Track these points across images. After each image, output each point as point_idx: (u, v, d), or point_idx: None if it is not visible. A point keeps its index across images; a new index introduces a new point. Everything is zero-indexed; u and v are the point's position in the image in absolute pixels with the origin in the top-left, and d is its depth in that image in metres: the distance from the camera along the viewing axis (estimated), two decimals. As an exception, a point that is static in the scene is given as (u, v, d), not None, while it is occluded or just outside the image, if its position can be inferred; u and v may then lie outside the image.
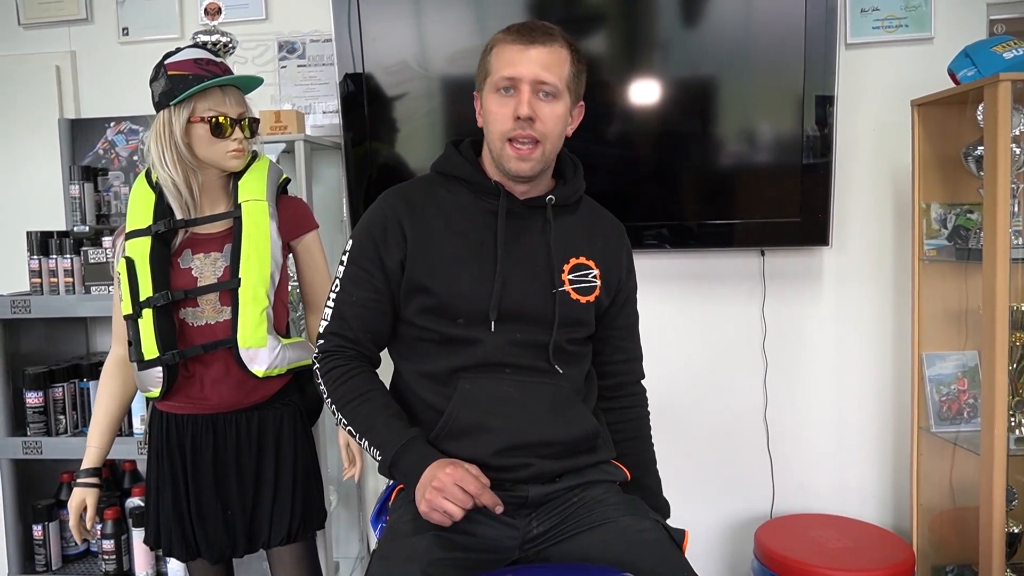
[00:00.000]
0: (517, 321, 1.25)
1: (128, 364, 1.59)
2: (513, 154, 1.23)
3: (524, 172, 1.24)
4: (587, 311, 1.31)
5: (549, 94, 1.22)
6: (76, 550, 2.27)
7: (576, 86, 1.27)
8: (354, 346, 1.29)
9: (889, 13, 2.17)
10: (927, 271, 2.06)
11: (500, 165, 1.26)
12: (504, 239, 1.26)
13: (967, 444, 1.95)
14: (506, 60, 1.22)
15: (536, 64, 1.21)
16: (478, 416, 1.23)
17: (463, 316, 1.25)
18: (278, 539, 1.57)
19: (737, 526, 2.33)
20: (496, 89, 1.23)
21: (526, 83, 1.21)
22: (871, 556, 1.92)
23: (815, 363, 2.29)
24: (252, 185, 1.56)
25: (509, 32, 1.25)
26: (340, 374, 1.27)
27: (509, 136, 1.22)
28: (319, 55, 2.35)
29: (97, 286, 2.10)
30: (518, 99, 1.21)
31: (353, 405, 1.24)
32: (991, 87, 1.72)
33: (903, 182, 2.18)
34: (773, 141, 2.09)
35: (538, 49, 1.21)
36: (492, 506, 1.13)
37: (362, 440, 1.22)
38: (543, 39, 1.22)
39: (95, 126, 2.43)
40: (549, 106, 1.22)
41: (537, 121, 1.21)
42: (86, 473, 1.59)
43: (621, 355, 1.42)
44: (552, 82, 1.21)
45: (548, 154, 1.25)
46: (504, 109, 1.22)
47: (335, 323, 1.30)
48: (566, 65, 1.24)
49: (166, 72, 1.48)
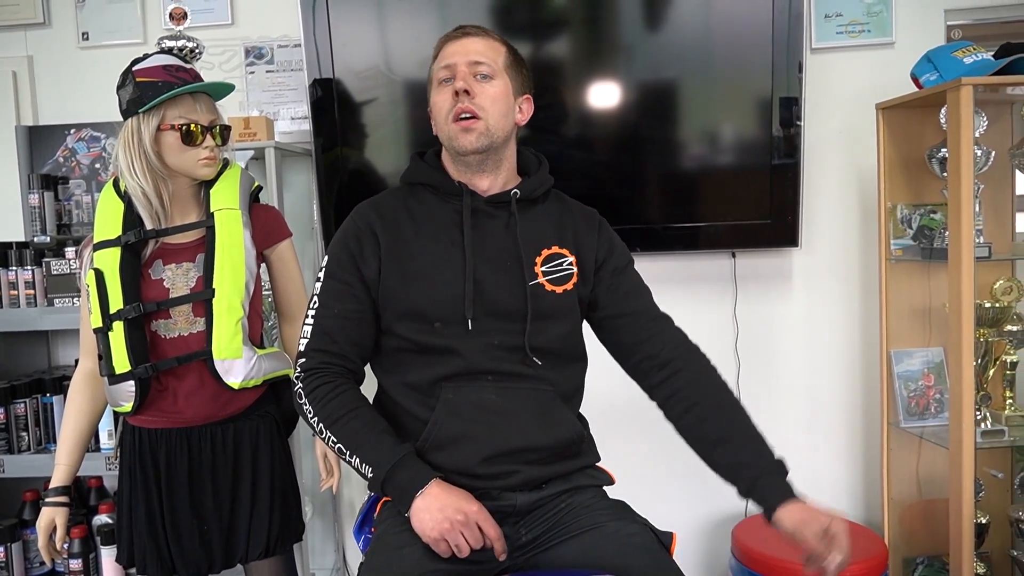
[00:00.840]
0: (493, 319, 1.25)
1: (97, 378, 1.55)
2: (457, 128, 1.25)
3: (471, 144, 1.25)
4: (565, 300, 1.30)
5: (485, 76, 1.26)
6: (41, 571, 2.20)
7: (516, 75, 1.32)
8: (339, 361, 1.27)
9: (852, 18, 2.22)
10: (893, 270, 2.11)
11: (451, 146, 1.28)
12: (471, 238, 1.27)
13: (934, 438, 2.00)
14: (443, 55, 1.29)
15: (470, 52, 1.27)
16: (462, 425, 1.22)
17: (439, 319, 1.25)
18: (256, 553, 1.54)
19: (713, 524, 2.36)
20: (439, 83, 1.29)
21: (462, 66, 1.26)
22: (846, 551, 1.95)
23: (786, 362, 2.33)
24: (224, 194, 1.53)
25: (447, 35, 1.32)
26: (326, 392, 1.24)
27: (451, 116, 1.25)
28: (287, 60, 2.32)
29: (61, 298, 2.04)
30: (455, 79, 1.26)
31: (342, 423, 1.22)
32: (953, 91, 1.76)
33: (869, 183, 2.23)
34: (742, 145, 2.12)
35: (471, 39, 1.28)
36: (499, 553, 1.15)
37: (352, 458, 1.20)
38: (476, 32, 1.30)
39: (54, 133, 2.36)
40: (486, 84, 1.26)
41: (475, 96, 1.25)
42: (55, 492, 1.54)
43: (644, 321, 1.32)
44: (486, 62, 1.26)
45: (492, 127, 1.26)
46: (444, 94, 1.27)
47: (317, 339, 1.27)
48: (501, 55, 1.29)
49: (134, 79, 1.45)
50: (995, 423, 1.92)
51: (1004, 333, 1.97)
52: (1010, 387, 2.01)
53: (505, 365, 1.25)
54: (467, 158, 1.28)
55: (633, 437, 2.22)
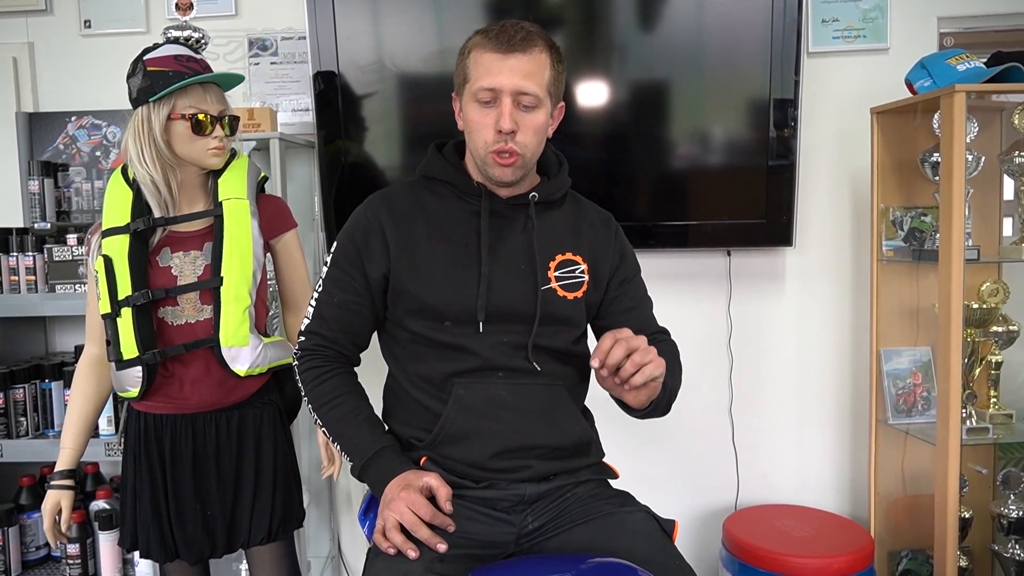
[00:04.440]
0: (504, 321, 1.26)
1: (102, 364, 1.57)
2: (496, 161, 1.23)
3: (507, 179, 1.26)
4: (575, 308, 1.31)
5: (529, 106, 1.21)
6: (37, 555, 2.21)
7: (556, 89, 1.27)
8: (333, 345, 1.32)
9: (848, 24, 2.26)
10: (884, 271, 2.15)
11: (484, 171, 1.27)
12: (488, 240, 1.27)
13: (920, 435, 2.05)
14: (484, 69, 1.20)
15: (516, 74, 1.19)
16: (474, 421, 1.24)
17: (450, 319, 1.26)
18: (258, 538, 1.56)
19: (704, 517, 2.40)
20: (476, 99, 1.22)
21: (507, 95, 1.19)
22: (833, 543, 2.00)
23: (778, 359, 2.37)
24: (233, 183, 1.55)
25: (488, 37, 1.22)
26: (316, 375, 1.29)
27: (491, 149, 1.22)
28: (291, 52, 2.33)
29: (62, 284, 2.05)
30: (499, 111, 1.20)
31: (327, 408, 1.26)
32: (947, 97, 1.81)
33: (862, 185, 2.27)
34: (739, 146, 2.15)
35: (518, 57, 1.19)
36: (432, 544, 1.11)
37: (335, 444, 1.26)
38: (522, 46, 1.19)
39: (55, 120, 2.36)
40: (530, 116, 1.22)
41: (518, 133, 1.21)
42: (60, 475, 1.56)
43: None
44: (533, 91, 1.20)
45: (529, 161, 1.27)
46: (486, 119, 1.21)
47: (315, 323, 1.32)
48: (546, 71, 1.22)
49: (145, 68, 1.46)
50: (980, 421, 1.97)
51: (990, 334, 2.02)
52: (995, 386, 2.05)
53: (515, 362, 1.27)
54: (499, 184, 1.28)
55: (627, 432, 2.25)
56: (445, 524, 1.14)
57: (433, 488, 1.16)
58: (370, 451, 1.22)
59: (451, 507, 1.16)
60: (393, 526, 1.12)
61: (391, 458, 1.22)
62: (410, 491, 1.14)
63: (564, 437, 1.28)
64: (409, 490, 1.14)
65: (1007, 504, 2.04)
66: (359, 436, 1.23)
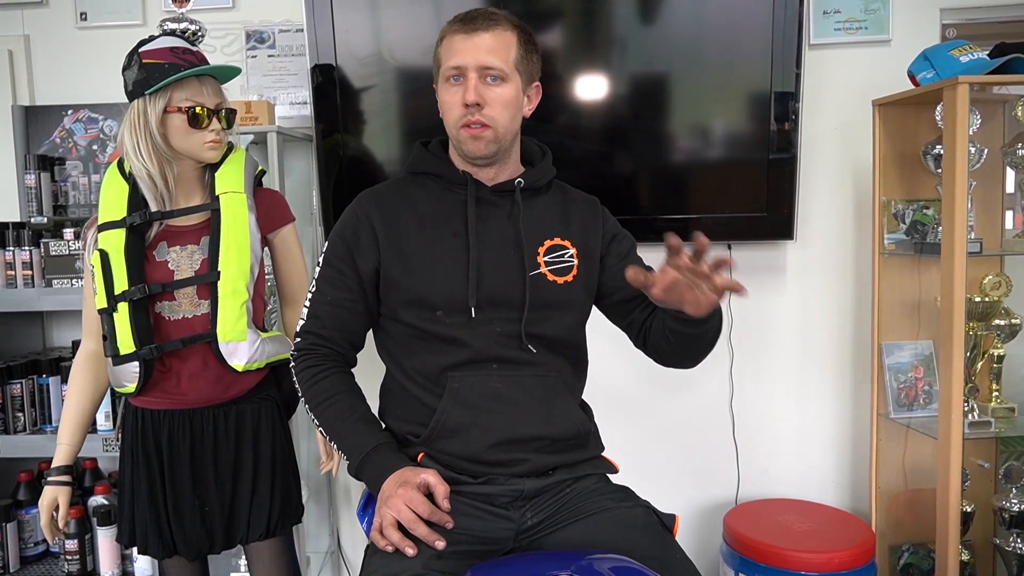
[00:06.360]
0: (495, 308, 1.27)
1: (99, 359, 1.56)
2: (467, 135, 1.26)
3: (480, 151, 1.27)
4: (566, 292, 1.31)
5: (496, 78, 1.25)
6: (35, 551, 2.20)
7: (527, 67, 1.30)
8: (328, 344, 1.32)
9: (850, 16, 2.25)
10: (886, 264, 2.14)
11: (459, 149, 1.30)
12: (475, 226, 1.28)
13: (922, 428, 2.04)
14: (452, 50, 1.26)
15: (480, 50, 1.24)
16: (469, 414, 1.24)
17: (442, 307, 1.26)
18: (257, 534, 1.56)
19: (705, 511, 2.40)
20: (446, 79, 1.27)
21: (472, 70, 1.24)
22: (835, 537, 1.99)
23: (779, 353, 2.36)
24: (230, 177, 1.54)
25: (454, 22, 1.28)
26: (312, 374, 1.29)
27: (461, 123, 1.26)
28: (289, 45, 2.31)
29: (59, 279, 2.04)
30: (465, 86, 1.24)
31: (323, 407, 1.27)
32: (950, 89, 1.79)
33: (863, 178, 2.26)
34: (740, 139, 2.14)
35: (481, 35, 1.24)
36: (431, 542, 1.11)
37: (331, 443, 1.26)
38: (486, 24, 1.25)
39: (51, 113, 2.35)
40: (497, 89, 1.25)
41: (485, 106, 1.24)
42: (57, 471, 1.55)
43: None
44: (497, 66, 1.24)
45: (502, 135, 1.28)
46: (454, 98, 1.26)
47: (310, 322, 1.33)
48: (512, 48, 1.26)
49: (141, 60, 1.45)
50: (982, 415, 1.96)
51: (992, 327, 2.01)
52: (997, 380, 2.05)
53: (509, 352, 1.27)
54: (475, 160, 1.30)
55: (628, 427, 2.25)
56: (443, 521, 1.13)
57: (431, 485, 1.16)
58: (366, 448, 1.21)
59: (449, 505, 1.15)
60: (391, 524, 1.12)
61: (387, 455, 1.21)
62: (407, 488, 1.14)
63: (562, 427, 1.28)
64: (407, 487, 1.14)
65: (1009, 498, 2.03)
66: (355, 434, 1.23)
